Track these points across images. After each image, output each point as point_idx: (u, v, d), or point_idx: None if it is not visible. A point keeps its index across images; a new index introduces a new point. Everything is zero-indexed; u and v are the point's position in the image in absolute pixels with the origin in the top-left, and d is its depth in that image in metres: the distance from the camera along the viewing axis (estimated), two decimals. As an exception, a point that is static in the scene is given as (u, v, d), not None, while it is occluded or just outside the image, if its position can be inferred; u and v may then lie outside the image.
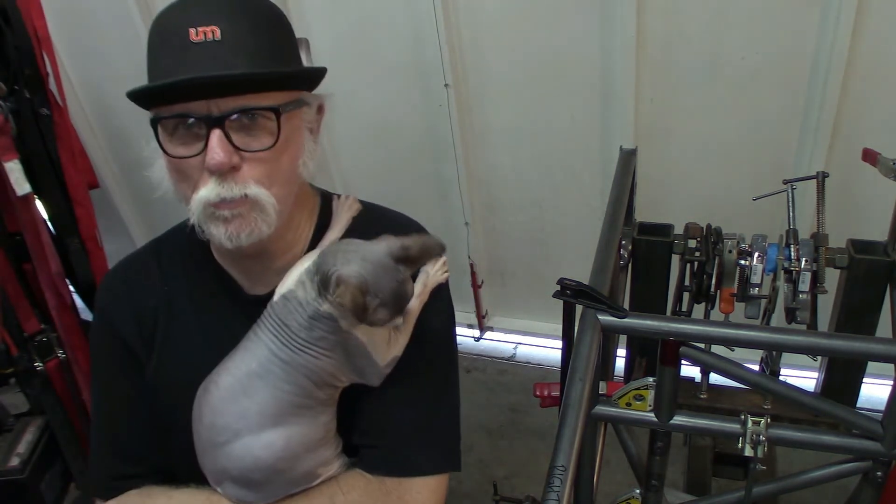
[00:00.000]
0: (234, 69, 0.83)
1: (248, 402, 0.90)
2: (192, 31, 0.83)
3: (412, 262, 0.87)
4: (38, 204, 1.89)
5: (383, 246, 0.87)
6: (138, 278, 1.06)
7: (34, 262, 1.91)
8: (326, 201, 1.07)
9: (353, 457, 1.01)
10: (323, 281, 0.86)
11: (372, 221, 1.04)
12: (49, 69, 1.86)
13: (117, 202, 3.04)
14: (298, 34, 0.97)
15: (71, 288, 2.00)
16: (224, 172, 0.85)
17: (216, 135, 0.84)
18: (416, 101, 2.45)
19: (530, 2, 2.15)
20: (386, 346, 0.93)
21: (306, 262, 0.91)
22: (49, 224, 1.94)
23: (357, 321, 0.86)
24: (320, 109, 0.98)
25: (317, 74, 0.95)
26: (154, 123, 0.86)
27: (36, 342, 1.95)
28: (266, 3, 0.91)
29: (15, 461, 1.92)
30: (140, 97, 0.85)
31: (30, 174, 1.79)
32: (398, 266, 0.85)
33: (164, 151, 0.87)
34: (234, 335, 0.97)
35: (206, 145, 0.84)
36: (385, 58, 2.40)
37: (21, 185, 1.75)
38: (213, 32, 0.83)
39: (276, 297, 0.91)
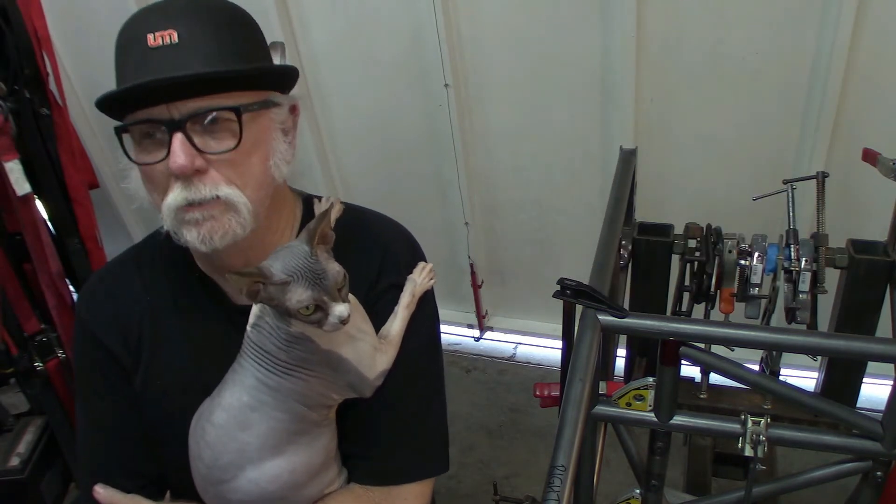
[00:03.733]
0: (190, 70, 0.82)
1: (246, 437, 0.89)
2: (150, 36, 0.82)
3: (321, 236, 0.85)
4: (38, 204, 1.89)
5: (296, 238, 0.86)
6: (119, 288, 1.03)
7: (34, 262, 1.90)
8: (308, 205, 1.04)
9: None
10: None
11: (355, 223, 1.03)
12: (49, 69, 1.86)
13: (117, 202, 3.04)
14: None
15: (71, 288, 2.00)
16: (189, 176, 0.84)
17: (178, 138, 0.82)
18: (416, 100, 2.45)
19: (530, 2, 2.15)
20: (372, 359, 0.92)
21: None
22: (49, 224, 1.94)
23: (290, 315, 0.83)
24: (294, 110, 0.95)
25: (283, 74, 0.92)
26: (118, 133, 0.86)
27: (36, 342, 1.95)
28: (229, 5, 0.89)
29: (15, 461, 1.91)
30: (105, 107, 0.85)
31: (30, 174, 1.78)
32: (306, 245, 0.83)
33: (130, 159, 0.87)
34: (221, 345, 0.97)
35: (169, 150, 0.83)
36: (385, 58, 2.40)
37: (21, 185, 1.75)
38: (170, 36, 0.82)
39: (248, 327, 0.90)
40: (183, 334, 1.01)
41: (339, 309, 0.82)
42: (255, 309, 0.90)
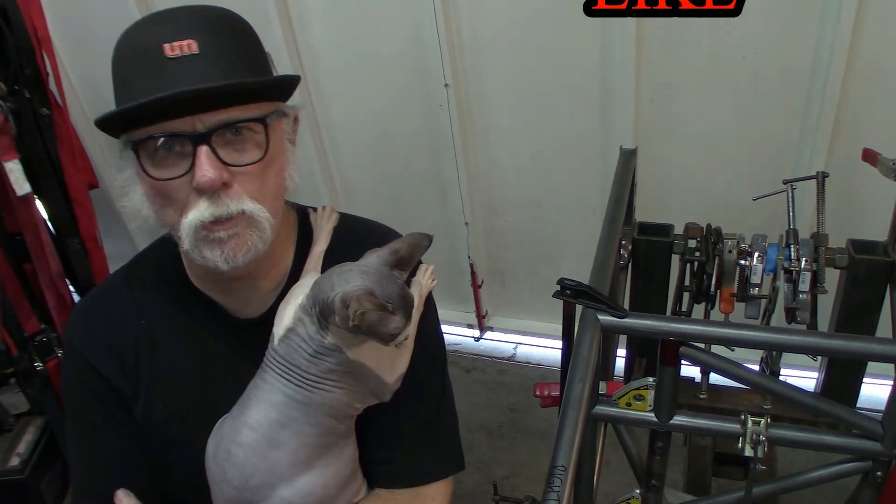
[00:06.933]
0: (215, 81, 0.79)
1: (277, 454, 0.87)
2: (167, 46, 0.78)
3: (405, 264, 0.86)
4: (38, 204, 1.89)
5: (374, 257, 0.86)
6: (111, 311, 1.00)
7: (34, 262, 1.91)
8: (303, 215, 1.04)
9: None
10: (324, 310, 0.83)
11: (353, 231, 1.02)
12: (49, 69, 1.86)
13: (117, 202, 3.04)
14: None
15: (71, 288, 2.00)
16: (216, 191, 0.81)
17: (203, 151, 0.80)
18: (416, 101, 2.45)
19: (530, 2, 2.15)
20: (391, 364, 0.92)
21: (299, 297, 0.88)
22: (49, 224, 1.94)
23: (377, 338, 0.83)
24: (295, 120, 0.94)
25: (293, 83, 0.91)
26: (135, 147, 0.82)
27: (36, 342, 1.95)
28: (235, 16, 0.87)
29: (15, 461, 1.92)
30: (115, 121, 0.81)
31: (30, 174, 1.79)
32: (393, 271, 0.85)
33: (149, 175, 0.82)
34: (225, 362, 0.96)
35: (192, 164, 0.80)
36: (385, 58, 2.40)
37: (21, 185, 1.75)
38: (189, 46, 0.79)
39: (275, 340, 0.88)
40: (183, 355, 0.98)
41: (408, 331, 0.85)
42: (285, 321, 0.88)
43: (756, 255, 1.39)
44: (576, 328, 1.09)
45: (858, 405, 1.52)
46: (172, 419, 0.97)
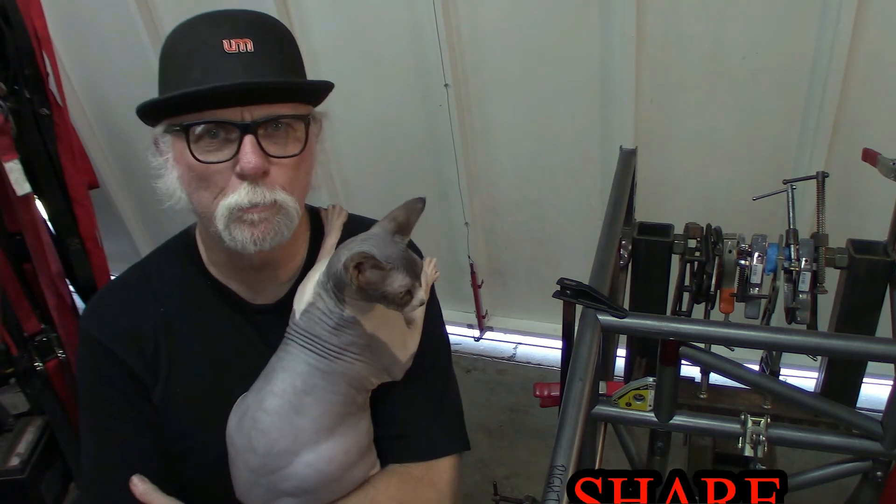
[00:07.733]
0: (267, 78, 0.88)
1: (301, 421, 0.91)
2: (227, 42, 0.87)
3: (404, 229, 0.93)
4: (38, 204, 1.89)
5: (375, 227, 0.93)
6: (129, 302, 1.04)
7: (34, 262, 1.91)
8: (314, 213, 1.12)
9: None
10: (337, 283, 0.89)
11: (361, 226, 1.06)
12: (49, 69, 1.86)
13: (117, 202, 3.04)
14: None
15: (71, 288, 2.00)
16: (256, 178, 0.88)
17: (249, 141, 0.87)
18: (416, 101, 2.45)
19: (530, 2, 2.15)
20: (403, 343, 0.99)
21: (316, 275, 0.94)
22: (49, 224, 1.94)
23: (381, 298, 0.88)
24: (320, 124, 1.02)
25: (329, 90, 1.00)
26: (185, 130, 0.88)
27: (36, 342, 1.95)
28: (280, 22, 0.96)
29: (15, 461, 1.91)
30: (171, 104, 0.87)
31: (30, 174, 1.79)
32: (394, 237, 0.91)
33: (196, 158, 0.88)
34: (241, 349, 1.00)
35: (237, 151, 0.87)
36: (385, 58, 2.40)
37: (21, 185, 1.75)
38: (245, 44, 0.87)
39: (297, 315, 0.94)
40: (200, 343, 1.02)
41: (421, 293, 0.90)
42: (306, 297, 0.94)
43: (756, 255, 1.39)
44: (576, 328, 1.09)
45: (858, 405, 1.52)
46: (190, 406, 1.01)
